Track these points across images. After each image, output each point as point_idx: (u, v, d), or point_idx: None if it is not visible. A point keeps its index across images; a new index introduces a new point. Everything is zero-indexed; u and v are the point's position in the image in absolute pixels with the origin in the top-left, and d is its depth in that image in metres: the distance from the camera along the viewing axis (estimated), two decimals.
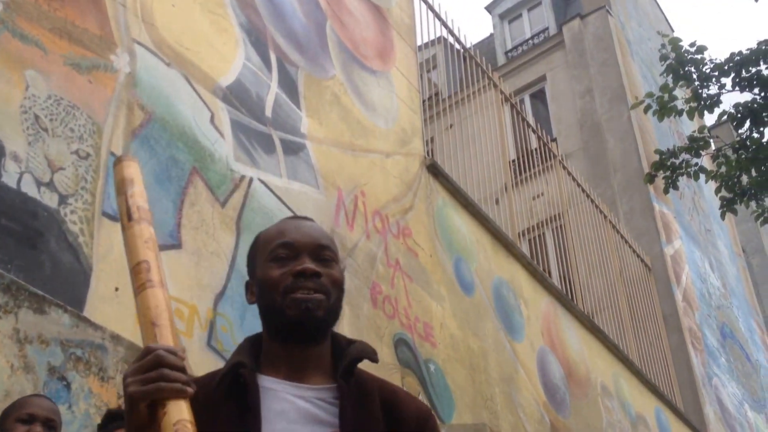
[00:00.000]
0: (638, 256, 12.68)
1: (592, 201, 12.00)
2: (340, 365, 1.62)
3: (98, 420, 3.85)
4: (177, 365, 1.42)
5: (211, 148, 5.63)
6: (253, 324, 5.32)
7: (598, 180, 13.58)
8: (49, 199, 4.43)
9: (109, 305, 4.44)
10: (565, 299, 9.41)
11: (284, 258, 1.63)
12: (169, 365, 1.41)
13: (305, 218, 1.76)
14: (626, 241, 12.48)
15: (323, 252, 1.66)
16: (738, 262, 17.19)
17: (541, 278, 9.03)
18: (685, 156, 7.93)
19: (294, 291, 1.59)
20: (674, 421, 11.02)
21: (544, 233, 11.68)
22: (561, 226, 11.57)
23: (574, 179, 11.72)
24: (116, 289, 4.57)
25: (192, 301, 5.00)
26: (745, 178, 7.70)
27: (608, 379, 9.73)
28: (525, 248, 10.38)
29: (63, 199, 4.55)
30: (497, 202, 10.25)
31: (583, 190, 11.84)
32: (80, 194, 4.68)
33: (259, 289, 1.66)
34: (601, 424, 9.10)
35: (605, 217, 12.16)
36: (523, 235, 10.63)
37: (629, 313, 11.70)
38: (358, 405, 1.56)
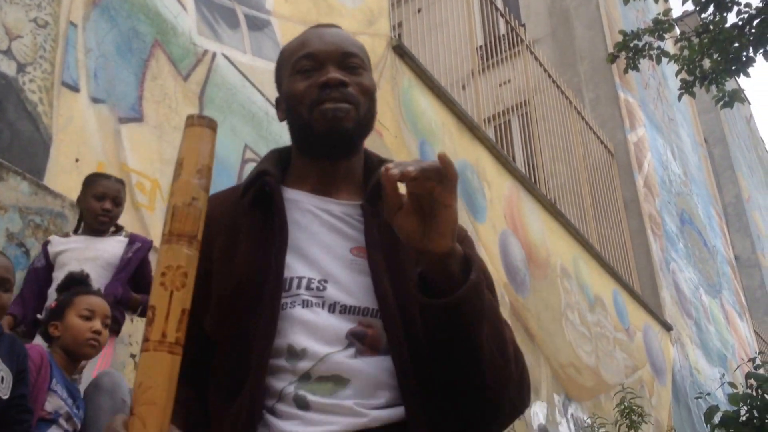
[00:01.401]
0: (602, 142, 12.78)
1: (559, 87, 12.00)
2: (368, 183, 1.53)
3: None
4: None
5: (173, 21, 5.52)
6: None
7: (565, 67, 13.54)
8: (7, 67, 4.35)
9: (69, 176, 4.43)
10: (528, 183, 9.50)
11: (308, 70, 1.51)
12: None
13: (330, 25, 1.63)
14: (590, 128, 12.56)
15: (350, 59, 1.53)
16: (699, 152, 17.40)
17: (505, 161, 9.09)
18: (648, 38, 7.91)
19: (321, 103, 1.48)
20: (630, 303, 11.33)
21: (510, 120, 11.67)
22: (527, 113, 11.59)
23: (541, 65, 11.67)
24: (76, 161, 4.54)
25: (154, 175, 4.99)
26: (707, 62, 7.72)
27: (568, 262, 9.93)
28: (491, 134, 10.42)
29: (21, 68, 4.47)
30: (464, 87, 10.22)
31: (550, 76, 11.82)
32: (39, 63, 4.60)
33: (286, 105, 1.55)
34: (559, 304, 9.34)
35: (570, 103, 12.19)
36: (489, 121, 10.63)
37: (591, 199, 11.87)
38: (386, 225, 1.41)
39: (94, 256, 3.59)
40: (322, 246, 1.44)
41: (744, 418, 6.15)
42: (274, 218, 1.45)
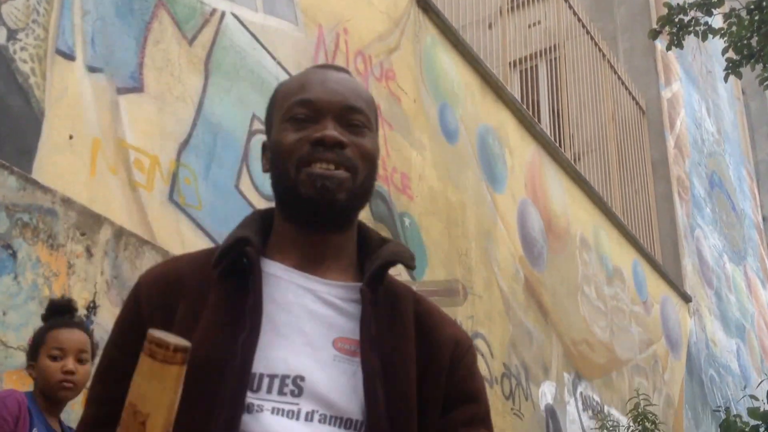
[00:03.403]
0: (633, 98, 12.50)
1: (591, 36, 11.68)
2: (367, 264, 1.34)
3: (47, 292, 3.79)
4: None
5: None
6: (219, 176, 5.19)
7: (601, 12, 13.16)
8: None
9: (62, 155, 4.27)
10: (552, 146, 9.30)
11: (303, 119, 1.33)
12: None
13: (339, 69, 1.44)
14: (622, 82, 12.27)
15: (353, 116, 1.35)
16: (736, 107, 17.07)
17: (529, 125, 8.88)
18: (695, 13, 7.61)
19: (310, 163, 1.30)
20: (650, 274, 11.23)
21: (537, 65, 11.38)
22: (556, 58, 11.33)
23: (574, 13, 11.34)
24: (70, 137, 4.38)
25: (153, 151, 4.83)
26: (755, 40, 7.45)
27: (588, 232, 9.80)
28: (516, 79, 10.19)
29: (12, 34, 4.27)
30: (490, 26, 9.95)
31: (583, 26, 11.49)
32: (31, 28, 4.40)
33: (272, 155, 1.37)
34: (576, 278, 9.24)
35: (603, 55, 11.88)
36: (515, 65, 10.37)
37: (617, 159, 11.66)
38: (387, 317, 1.31)
39: None
40: (302, 335, 1.27)
41: None
42: (248, 297, 1.27)
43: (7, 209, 3.70)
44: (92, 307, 4.00)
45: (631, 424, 7.39)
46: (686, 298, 12.05)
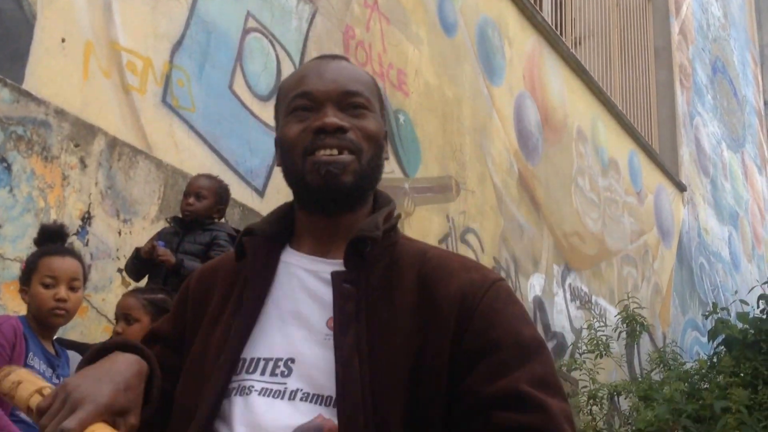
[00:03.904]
0: None
1: None
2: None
3: (42, 204, 3.89)
4: None
5: None
6: (213, 77, 5.22)
7: None
8: None
9: (55, 59, 4.29)
10: (552, 35, 9.22)
11: (304, 110, 1.39)
12: None
13: (335, 57, 1.48)
14: None
15: (351, 98, 1.39)
16: None
17: (530, 15, 8.79)
18: None
19: (314, 152, 1.35)
20: (646, 164, 11.32)
21: None
22: None
23: None
24: (63, 41, 4.39)
25: (147, 53, 4.84)
26: None
27: (586, 124, 9.83)
28: None
29: None
30: None
31: None
32: None
33: (281, 150, 1.43)
34: (570, 171, 9.33)
35: None
36: None
37: (619, 46, 11.57)
38: (380, 289, 1.33)
39: None
40: (299, 317, 1.34)
41: (751, 341, 6.31)
42: (251, 284, 1.39)
43: (1, 122, 3.76)
44: (87, 218, 4.11)
45: (620, 324, 7.63)
46: (681, 188, 12.18)
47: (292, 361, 1.30)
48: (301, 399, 1.27)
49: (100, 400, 1.20)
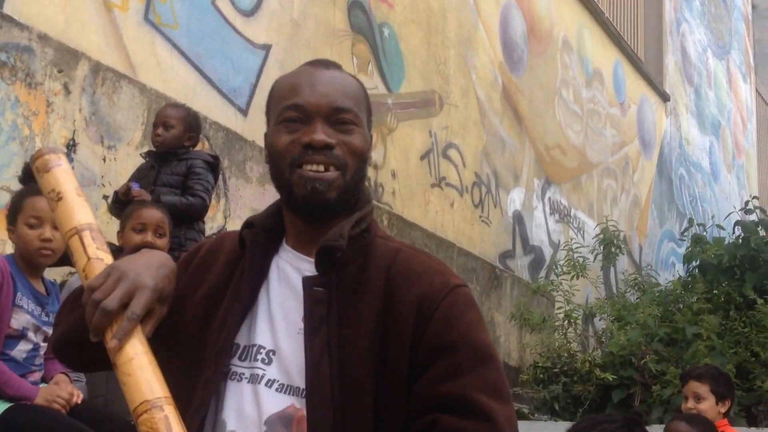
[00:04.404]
0: None
1: None
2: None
3: (27, 131, 3.91)
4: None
5: None
6: None
7: None
8: None
9: None
10: None
11: (294, 121, 1.45)
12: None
13: (328, 65, 1.53)
14: None
15: (340, 114, 1.45)
16: None
17: None
18: None
19: (301, 165, 1.43)
20: (631, 74, 11.34)
21: None
22: None
23: None
24: None
25: None
26: None
27: (572, 33, 9.79)
28: None
29: None
30: None
31: None
32: None
33: (269, 154, 1.50)
34: (554, 82, 9.35)
35: None
36: None
37: None
38: (349, 291, 1.43)
39: None
40: (283, 310, 1.45)
41: (725, 267, 6.47)
42: (247, 275, 1.49)
43: None
44: (71, 146, 4.13)
45: (597, 246, 7.77)
46: (664, 98, 12.23)
47: (273, 352, 1.42)
48: (276, 390, 1.39)
49: (154, 286, 1.38)
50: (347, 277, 1.44)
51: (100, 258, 1.44)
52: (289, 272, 1.48)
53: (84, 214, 1.51)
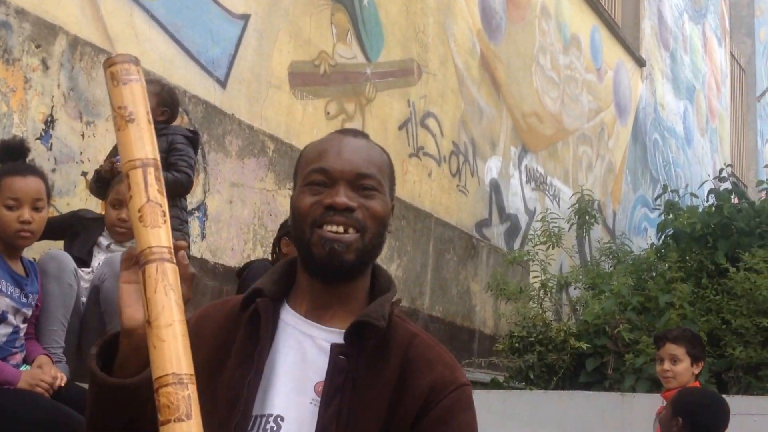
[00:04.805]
0: None
1: None
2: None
3: (5, 108, 3.90)
4: None
5: None
6: None
7: None
8: None
9: None
10: None
11: (319, 184, 1.53)
12: None
13: (356, 134, 1.62)
14: None
15: (363, 180, 1.53)
16: None
17: None
18: None
19: (322, 225, 1.50)
20: (607, 39, 11.37)
21: None
22: None
23: None
24: None
25: None
26: None
27: None
28: None
29: None
30: None
31: None
32: None
33: (292, 216, 1.57)
34: (532, 49, 9.37)
35: None
36: None
37: None
38: (369, 365, 1.50)
39: None
40: (292, 378, 1.51)
41: (698, 235, 6.56)
42: (258, 344, 1.53)
43: None
44: (50, 122, 4.11)
45: (572, 216, 7.86)
46: (641, 63, 12.29)
47: (282, 419, 1.48)
48: None
49: None
50: (367, 352, 1.52)
51: (159, 203, 1.37)
52: (300, 339, 1.54)
53: (152, 146, 1.43)
